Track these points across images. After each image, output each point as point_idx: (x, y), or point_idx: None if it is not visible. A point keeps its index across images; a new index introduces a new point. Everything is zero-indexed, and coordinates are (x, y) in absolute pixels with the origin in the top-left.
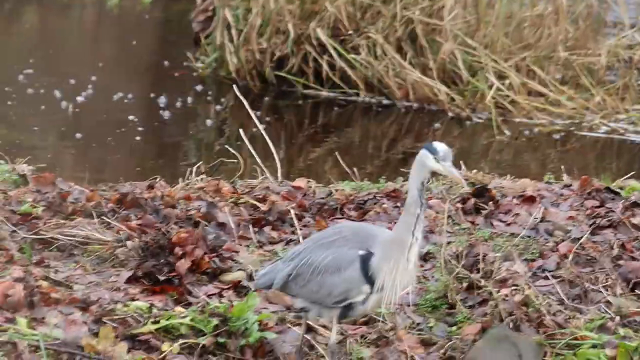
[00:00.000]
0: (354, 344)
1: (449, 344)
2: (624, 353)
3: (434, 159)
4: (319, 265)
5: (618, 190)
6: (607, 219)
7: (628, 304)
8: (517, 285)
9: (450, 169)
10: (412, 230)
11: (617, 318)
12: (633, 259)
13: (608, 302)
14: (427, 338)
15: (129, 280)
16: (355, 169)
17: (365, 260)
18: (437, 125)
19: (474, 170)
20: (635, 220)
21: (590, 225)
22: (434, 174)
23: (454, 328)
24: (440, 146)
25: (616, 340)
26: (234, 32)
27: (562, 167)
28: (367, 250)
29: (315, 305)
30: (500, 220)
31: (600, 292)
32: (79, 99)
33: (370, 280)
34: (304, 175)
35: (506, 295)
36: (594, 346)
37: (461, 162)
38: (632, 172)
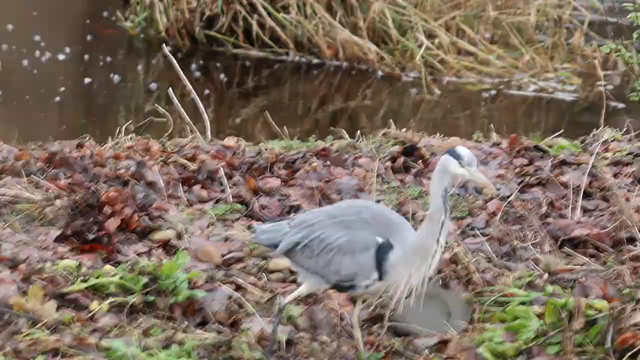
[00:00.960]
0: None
1: (378, 300)
2: (552, 310)
3: (459, 164)
4: (333, 243)
5: (546, 148)
6: (535, 177)
7: (556, 261)
8: (446, 243)
9: (477, 173)
10: (437, 238)
11: (546, 275)
12: (561, 216)
13: (536, 260)
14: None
15: (58, 239)
16: (285, 128)
17: (381, 249)
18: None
19: (404, 129)
20: (563, 178)
21: (519, 184)
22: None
23: None
24: (464, 151)
25: (544, 297)
26: None
27: (491, 125)
28: (387, 240)
29: (316, 276)
30: (430, 179)
31: (529, 249)
32: (4, 56)
33: (380, 268)
34: (233, 134)
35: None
36: (523, 303)
37: (390, 120)
38: (561, 130)
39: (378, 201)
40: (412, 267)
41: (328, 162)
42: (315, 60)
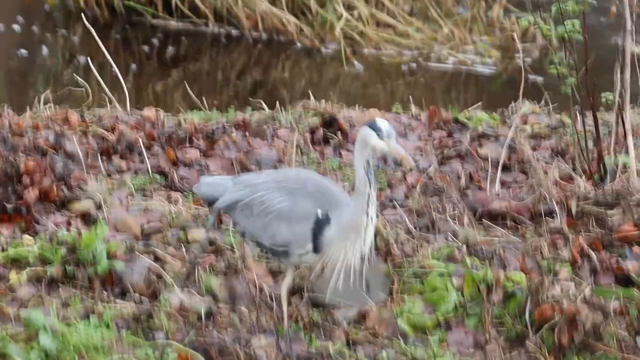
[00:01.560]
0: (203, 272)
1: (296, 272)
2: (471, 282)
3: (378, 136)
4: (273, 207)
5: (465, 121)
6: (454, 149)
7: (475, 234)
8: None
9: (396, 146)
10: (366, 210)
11: (464, 247)
12: (480, 189)
13: (455, 232)
14: (275, 267)
15: None
16: (204, 99)
17: (319, 223)
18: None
19: (323, 101)
20: (482, 151)
21: (438, 156)
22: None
23: None
24: (383, 123)
25: (463, 269)
26: None
27: (410, 97)
28: (326, 214)
29: (250, 235)
30: (349, 150)
31: (448, 221)
32: None
33: (315, 241)
34: (153, 105)
35: None
36: (441, 275)
37: (310, 91)
38: (479, 103)
39: None
40: (347, 242)
41: (247, 134)
42: (234, 32)
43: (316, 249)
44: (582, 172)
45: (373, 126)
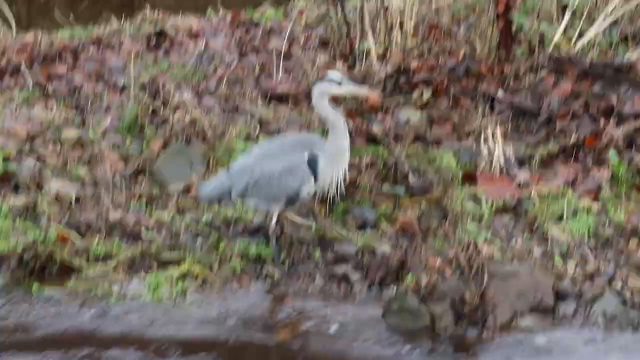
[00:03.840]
0: (73, 164)
1: (141, 157)
2: None
3: (338, 85)
4: (274, 172)
5: (259, 19)
6: (250, 44)
7: (267, 113)
8: (187, 109)
9: (354, 87)
10: (345, 136)
11: (258, 127)
12: (269, 76)
13: (252, 113)
14: (125, 154)
15: None
16: (71, 15)
17: (311, 160)
18: None
19: (156, 12)
20: (270, 45)
21: (239, 51)
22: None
23: (144, 144)
24: (336, 74)
25: None
26: None
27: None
28: (312, 153)
29: (268, 201)
30: (176, 53)
31: (247, 105)
32: None
33: (315, 174)
34: (38, 26)
35: (180, 117)
36: (244, 151)
37: (147, 4)
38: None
39: (137, 77)
40: (335, 165)
41: (102, 47)
42: None
43: (315, 179)
44: (341, 57)
45: (331, 79)
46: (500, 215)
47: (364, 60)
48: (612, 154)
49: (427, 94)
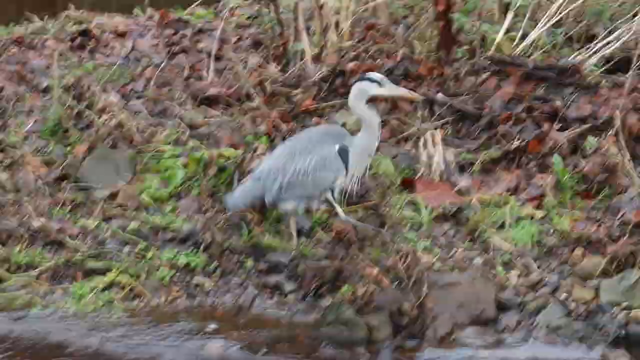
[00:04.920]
0: None
1: (65, 162)
2: (194, 161)
3: (378, 85)
4: (307, 168)
5: (188, 18)
6: (180, 45)
7: (197, 116)
8: (113, 112)
9: (396, 88)
10: (377, 136)
11: (188, 131)
12: (200, 78)
13: (182, 116)
14: (48, 158)
15: None
16: None
17: (341, 151)
18: None
19: (81, 11)
20: (200, 45)
21: (168, 52)
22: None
23: (68, 149)
24: (376, 75)
25: (187, 152)
26: None
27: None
28: (342, 144)
29: (304, 199)
30: (101, 53)
31: (176, 107)
32: None
33: (346, 166)
34: None
35: (105, 120)
36: (172, 156)
37: (71, 5)
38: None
39: (61, 78)
40: (363, 161)
41: (23, 47)
42: None
43: (346, 171)
44: (274, 59)
45: (370, 79)
46: (440, 223)
47: (298, 61)
48: (556, 160)
49: None
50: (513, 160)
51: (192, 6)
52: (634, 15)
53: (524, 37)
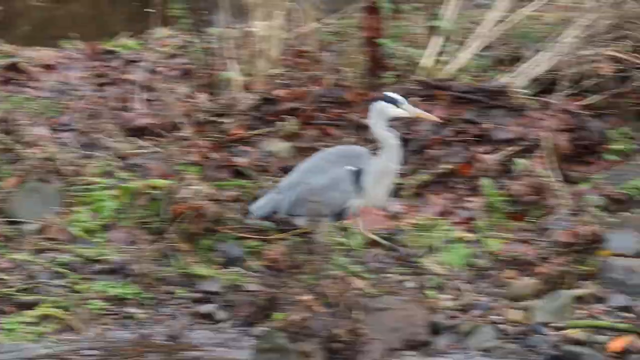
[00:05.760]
0: None
1: None
2: (125, 193)
3: (396, 106)
4: (318, 186)
5: (117, 49)
6: (109, 77)
7: (126, 147)
8: (42, 145)
9: (414, 109)
10: (397, 159)
11: (119, 162)
12: (129, 109)
13: (111, 148)
14: None
15: None
16: None
17: (355, 174)
18: None
19: (10, 44)
20: (129, 76)
21: (97, 84)
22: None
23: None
24: (395, 95)
25: (118, 182)
26: None
27: (75, 34)
28: (356, 167)
29: (314, 217)
30: (30, 87)
31: (106, 139)
32: None
33: (357, 188)
34: None
35: (34, 154)
36: (102, 188)
37: None
38: (126, 32)
39: None
40: (381, 184)
41: None
42: None
43: (361, 193)
44: (203, 88)
45: (388, 99)
46: (372, 248)
47: (227, 90)
48: (485, 182)
49: (293, 124)
50: (443, 184)
51: (120, 37)
52: (558, 36)
53: (452, 61)
